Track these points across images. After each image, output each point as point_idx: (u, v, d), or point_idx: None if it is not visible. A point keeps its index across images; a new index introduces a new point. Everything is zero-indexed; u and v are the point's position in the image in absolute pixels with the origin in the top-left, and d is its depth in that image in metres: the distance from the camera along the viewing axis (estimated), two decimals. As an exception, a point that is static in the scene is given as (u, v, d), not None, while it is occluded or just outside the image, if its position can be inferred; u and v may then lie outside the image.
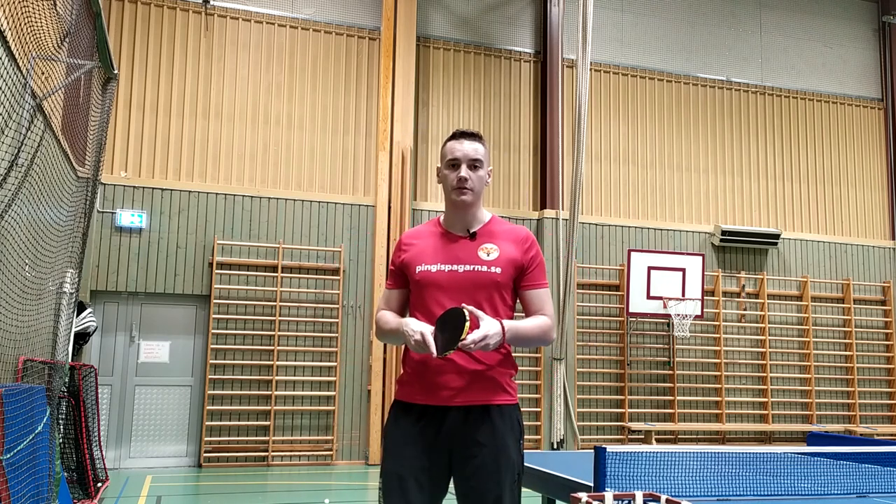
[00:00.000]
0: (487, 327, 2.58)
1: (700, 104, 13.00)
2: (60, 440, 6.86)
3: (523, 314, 2.90)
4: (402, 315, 2.91)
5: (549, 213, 11.70)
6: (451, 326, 2.57)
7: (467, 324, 2.52)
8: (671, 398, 12.03)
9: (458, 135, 2.88)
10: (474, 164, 2.82)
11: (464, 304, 2.62)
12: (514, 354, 2.88)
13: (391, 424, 2.80)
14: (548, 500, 4.60)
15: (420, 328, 2.62)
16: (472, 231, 2.85)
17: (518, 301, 2.91)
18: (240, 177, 10.71)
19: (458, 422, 2.70)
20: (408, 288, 2.89)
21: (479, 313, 2.63)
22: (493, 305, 2.76)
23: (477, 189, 2.83)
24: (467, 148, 2.83)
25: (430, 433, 2.70)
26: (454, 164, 2.83)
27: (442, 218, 2.94)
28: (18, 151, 5.38)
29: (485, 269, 2.77)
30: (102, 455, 8.71)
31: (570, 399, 11.44)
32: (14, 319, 5.46)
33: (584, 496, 2.59)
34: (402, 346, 2.83)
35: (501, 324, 2.64)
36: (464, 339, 2.52)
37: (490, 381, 2.73)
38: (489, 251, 2.80)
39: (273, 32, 11.12)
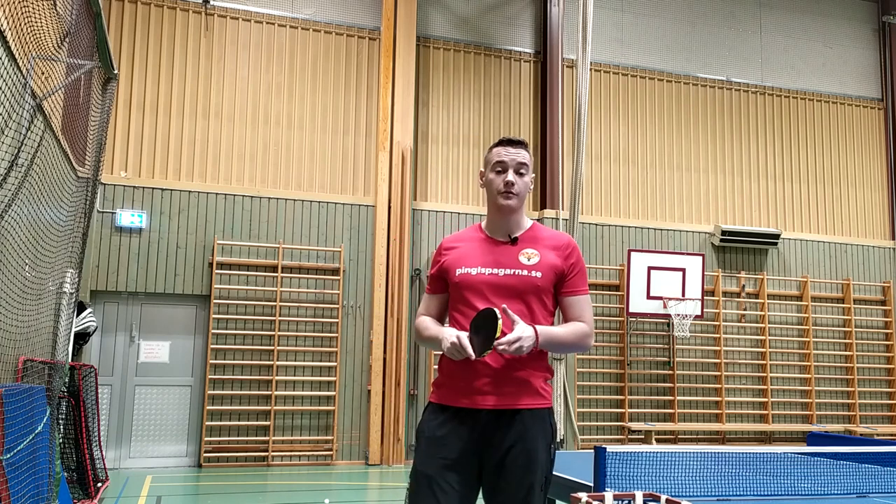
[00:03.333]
0: (521, 331, 2.60)
1: (700, 104, 13.00)
2: (60, 440, 6.86)
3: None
4: (443, 320, 2.95)
5: (549, 213, 11.70)
6: (484, 327, 2.59)
7: (499, 322, 2.54)
8: (671, 398, 12.03)
9: (506, 142, 2.90)
10: (520, 170, 2.85)
11: (496, 306, 2.64)
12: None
13: (424, 425, 2.82)
14: (548, 500, 4.60)
15: (455, 333, 2.65)
16: (513, 236, 2.87)
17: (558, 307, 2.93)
18: (240, 177, 10.71)
19: (489, 424, 2.71)
20: (447, 292, 2.91)
21: (514, 316, 2.65)
22: (532, 310, 2.77)
23: (522, 194, 2.86)
24: (514, 153, 2.86)
25: (462, 435, 2.72)
26: (501, 168, 2.85)
27: (483, 223, 2.97)
28: (18, 151, 5.38)
29: (525, 273, 2.78)
30: (102, 455, 8.70)
31: (570, 399, 11.44)
32: (14, 319, 5.45)
33: (584, 496, 2.59)
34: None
35: (535, 328, 2.66)
36: (498, 338, 2.55)
37: (523, 384, 2.75)
38: (530, 256, 2.82)
39: (273, 32, 11.12)
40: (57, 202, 6.79)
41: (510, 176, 2.83)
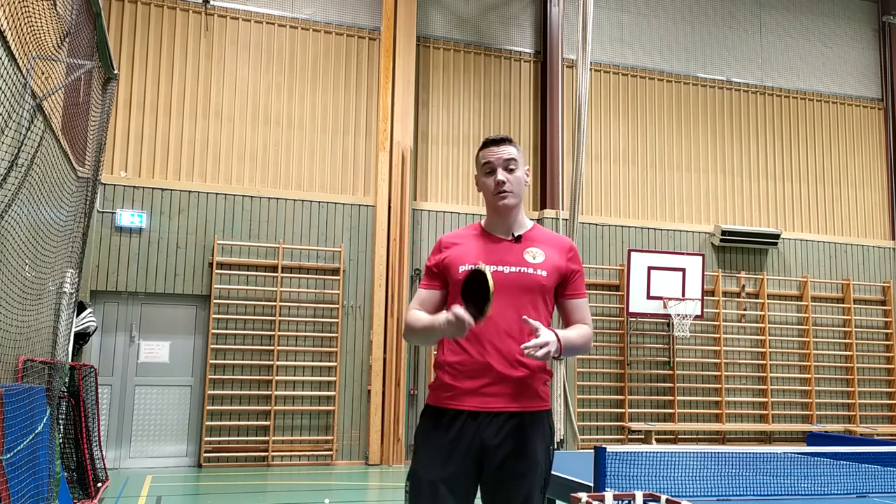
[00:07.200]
0: (547, 336, 2.57)
1: (700, 104, 13.00)
2: (60, 440, 6.86)
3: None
4: None
5: (549, 213, 11.70)
6: (475, 291, 2.52)
7: (489, 276, 2.47)
8: (671, 398, 12.03)
9: (489, 142, 2.90)
10: (509, 166, 2.84)
11: (480, 263, 2.59)
12: None
13: (423, 428, 2.81)
14: (548, 500, 4.60)
15: (450, 311, 2.54)
16: (516, 235, 2.86)
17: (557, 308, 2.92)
18: (240, 177, 10.71)
19: (489, 428, 2.70)
20: (446, 290, 2.87)
21: (535, 323, 2.61)
22: (536, 308, 2.76)
23: (517, 191, 2.85)
24: (499, 152, 2.85)
25: (461, 438, 2.70)
26: (490, 169, 2.85)
27: (483, 222, 2.95)
28: (18, 151, 5.38)
29: (531, 271, 2.78)
30: (102, 455, 8.71)
31: (570, 399, 11.44)
32: (14, 319, 5.45)
33: (584, 496, 2.60)
34: (436, 352, 2.84)
35: (557, 334, 2.64)
36: (492, 291, 2.48)
37: (525, 387, 2.74)
38: (535, 255, 2.82)
39: (273, 32, 11.12)
40: (57, 202, 6.79)
41: (500, 175, 2.82)
